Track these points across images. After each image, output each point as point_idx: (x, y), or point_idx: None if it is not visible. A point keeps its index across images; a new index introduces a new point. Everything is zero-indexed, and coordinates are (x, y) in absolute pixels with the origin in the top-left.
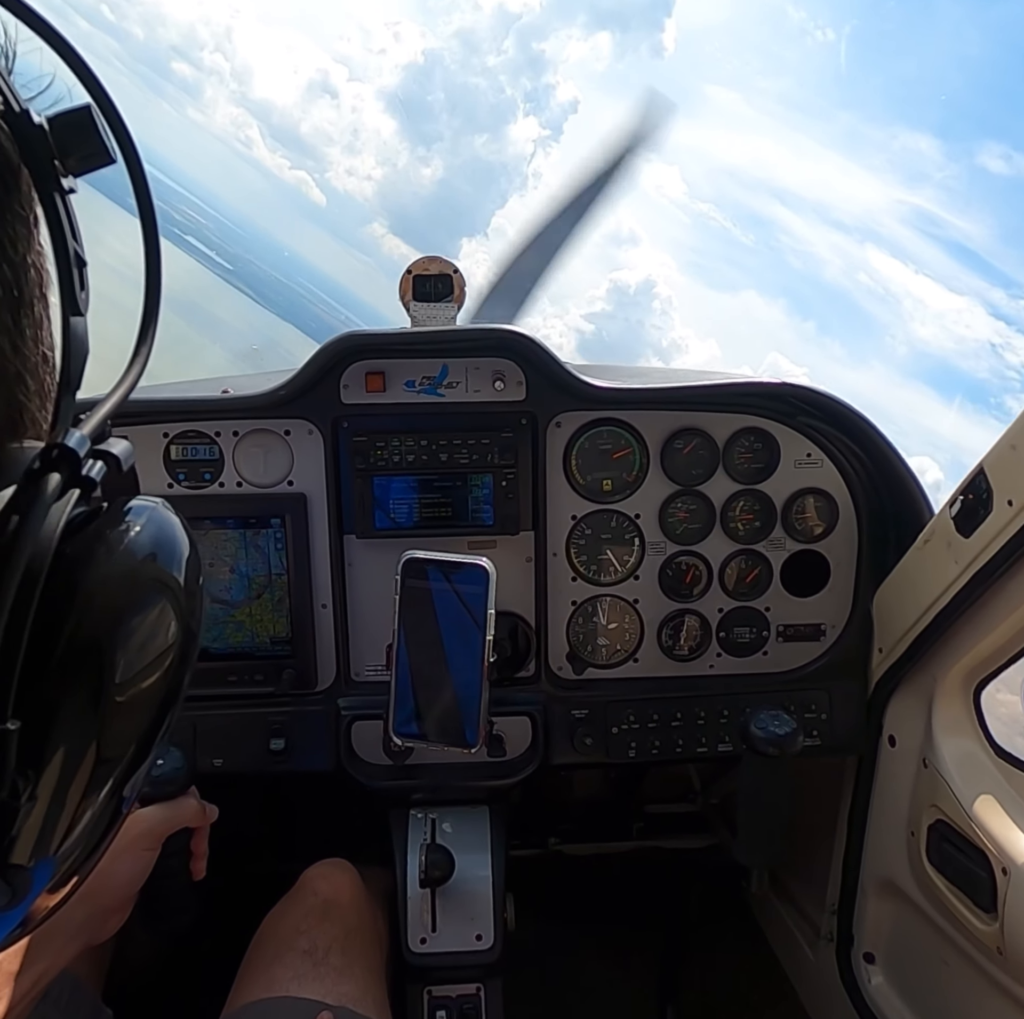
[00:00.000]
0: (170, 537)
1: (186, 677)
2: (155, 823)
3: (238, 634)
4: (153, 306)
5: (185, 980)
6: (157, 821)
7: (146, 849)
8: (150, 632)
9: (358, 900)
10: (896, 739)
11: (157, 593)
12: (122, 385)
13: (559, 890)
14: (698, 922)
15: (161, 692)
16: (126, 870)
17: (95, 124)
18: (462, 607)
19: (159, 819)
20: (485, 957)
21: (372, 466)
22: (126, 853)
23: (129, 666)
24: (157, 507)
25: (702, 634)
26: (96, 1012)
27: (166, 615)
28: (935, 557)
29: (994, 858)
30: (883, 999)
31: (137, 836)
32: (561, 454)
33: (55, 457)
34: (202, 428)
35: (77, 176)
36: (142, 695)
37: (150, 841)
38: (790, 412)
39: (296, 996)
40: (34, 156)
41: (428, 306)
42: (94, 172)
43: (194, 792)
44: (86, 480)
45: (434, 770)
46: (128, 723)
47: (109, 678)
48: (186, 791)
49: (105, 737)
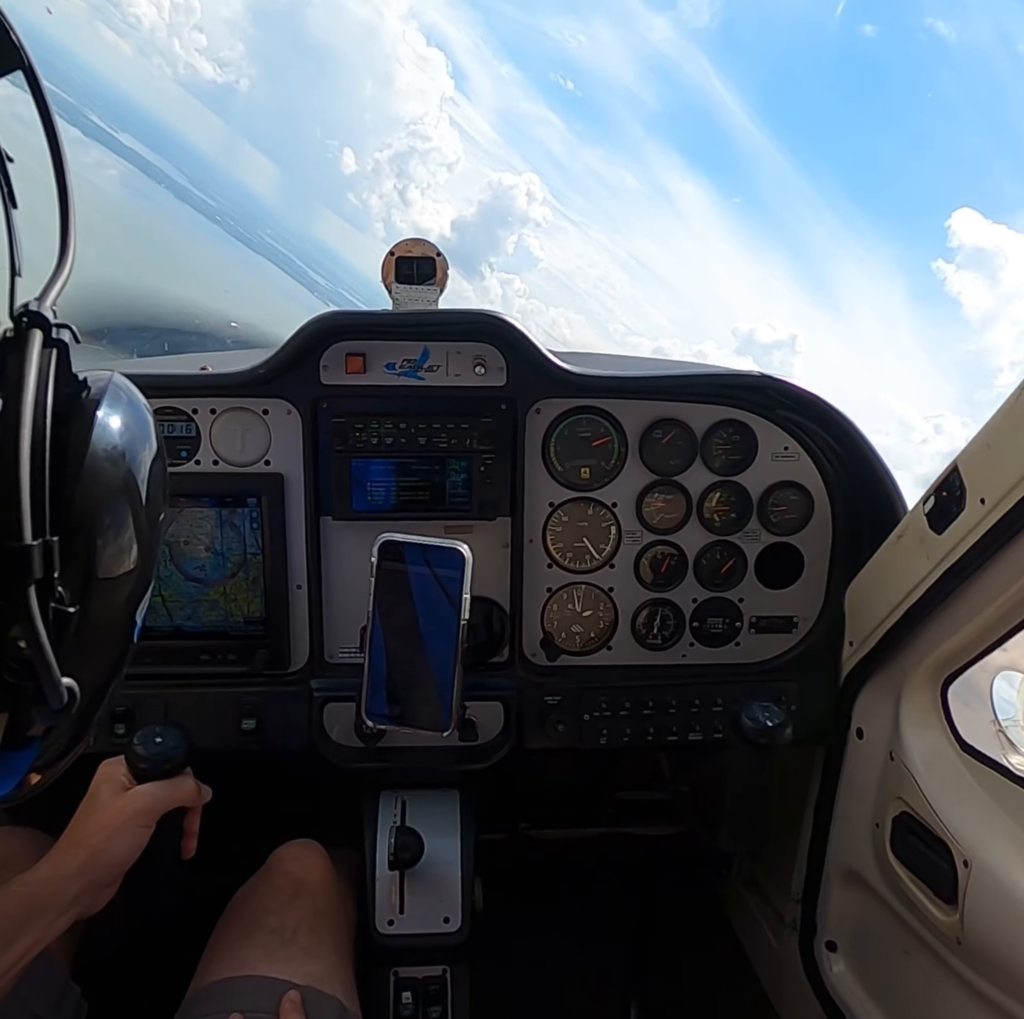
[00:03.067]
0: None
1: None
2: (153, 801)
3: (212, 613)
4: (63, 183)
5: (153, 957)
6: (155, 799)
7: (142, 826)
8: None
9: (327, 881)
10: (864, 732)
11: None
12: (63, 266)
13: (528, 874)
14: (666, 908)
15: (161, 519)
16: (122, 846)
17: (5, 30)
18: (438, 591)
19: (157, 797)
20: (452, 939)
21: (350, 448)
22: (123, 829)
23: (146, 494)
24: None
25: (676, 624)
26: (65, 988)
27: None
28: (908, 553)
29: (956, 851)
30: (844, 987)
31: (134, 813)
32: (540, 441)
33: (27, 325)
34: (179, 405)
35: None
36: (152, 523)
37: (146, 818)
38: (769, 405)
39: (264, 975)
40: None
41: (410, 288)
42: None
43: (190, 772)
44: (59, 342)
45: (406, 753)
46: (141, 548)
47: (136, 503)
48: (183, 770)
49: (121, 556)
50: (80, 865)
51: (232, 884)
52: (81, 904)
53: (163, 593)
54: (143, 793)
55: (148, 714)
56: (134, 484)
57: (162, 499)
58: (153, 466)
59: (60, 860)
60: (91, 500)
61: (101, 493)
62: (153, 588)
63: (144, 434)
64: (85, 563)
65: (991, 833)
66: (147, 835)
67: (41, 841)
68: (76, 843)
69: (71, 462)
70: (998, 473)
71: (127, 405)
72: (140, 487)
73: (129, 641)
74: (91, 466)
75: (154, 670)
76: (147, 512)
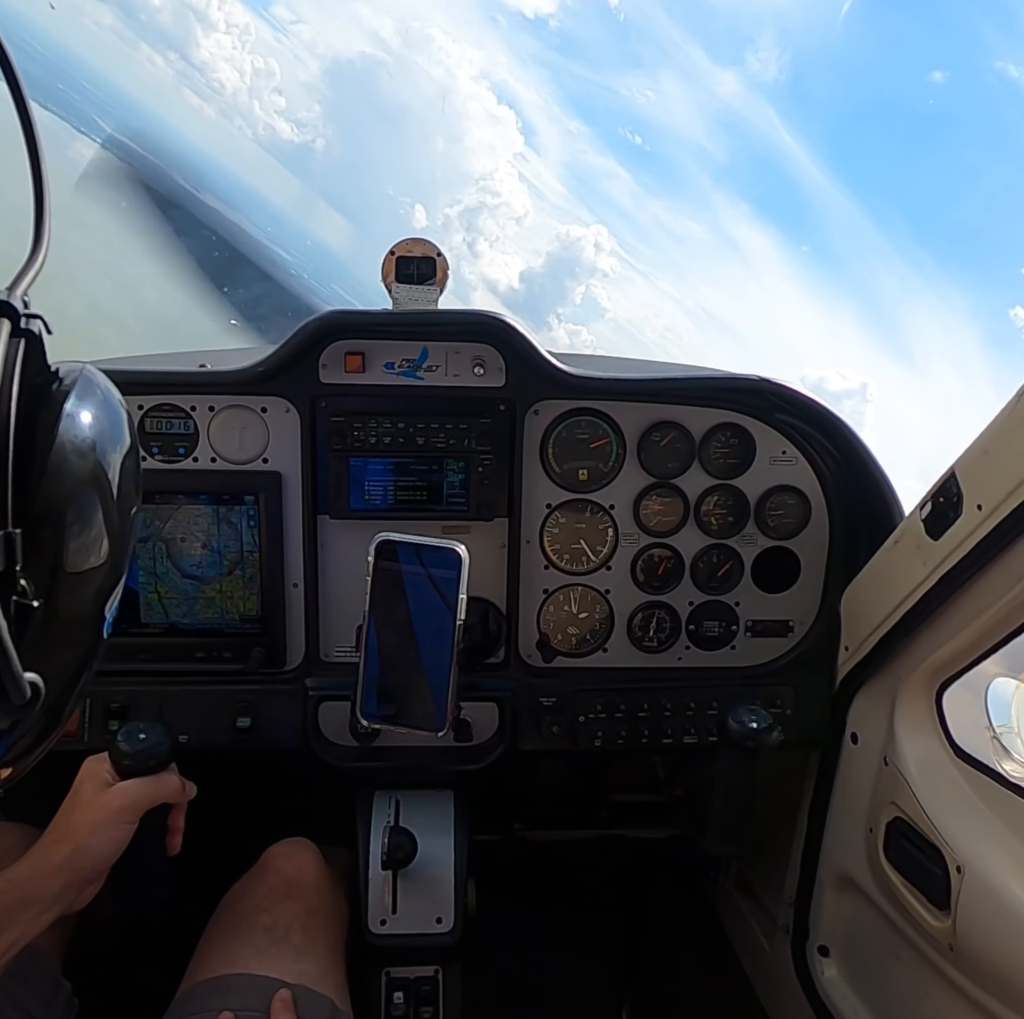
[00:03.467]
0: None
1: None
2: (136, 797)
3: (208, 610)
4: (38, 172)
5: (144, 954)
6: (139, 795)
7: (125, 822)
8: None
9: (320, 880)
10: (859, 736)
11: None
12: (36, 256)
13: (522, 876)
14: (659, 911)
15: (133, 513)
16: (105, 842)
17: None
18: (434, 591)
19: (141, 793)
20: (444, 940)
21: (349, 447)
22: (106, 825)
23: (117, 488)
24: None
25: (672, 626)
26: (56, 985)
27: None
28: (904, 558)
29: (949, 856)
30: (836, 991)
31: (118, 809)
32: (538, 442)
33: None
34: (178, 402)
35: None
36: (123, 517)
37: (130, 814)
38: (767, 409)
39: (255, 973)
40: None
41: (410, 288)
42: None
43: (175, 768)
44: (27, 332)
45: (400, 753)
46: (111, 543)
47: (106, 497)
48: (167, 766)
49: (89, 549)
50: (63, 861)
51: (225, 882)
52: (64, 900)
53: (159, 590)
54: (126, 789)
55: (143, 711)
56: (103, 477)
57: (134, 493)
58: (125, 460)
59: (43, 856)
60: (57, 492)
61: (68, 485)
62: (149, 585)
63: (115, 427)
64: (51, 556)
65: (984, 839)
66: (130, 831)
67: (32, 837)
68: (59, 839)
69: (37, 453)
70: (995, 479)
71: (97, 398)
72: (110, 480)
73: (98, 636)
74: (57, 457)
75: (149, 667)
76: (118, 506)
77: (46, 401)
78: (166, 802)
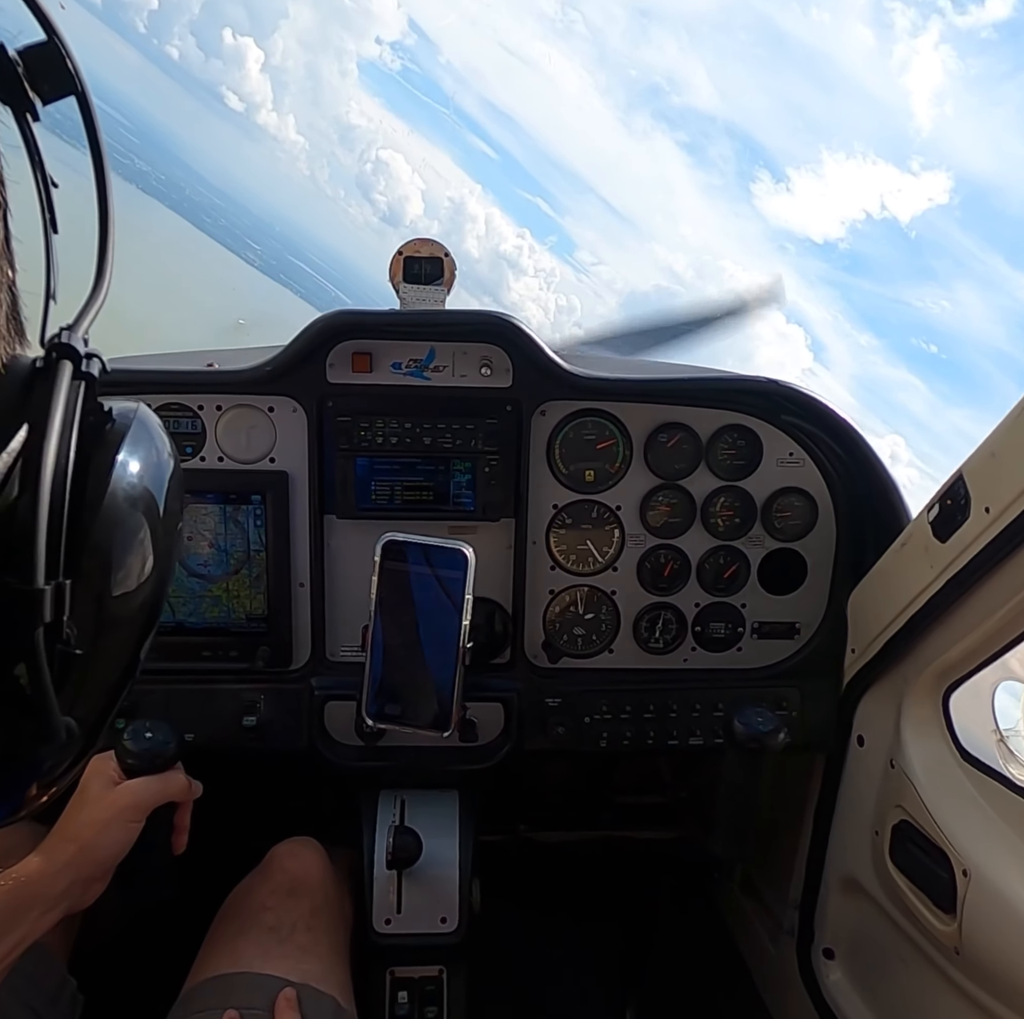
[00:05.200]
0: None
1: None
2: (142, 796)
3: (214, 609)
4: (104, 210)
5: (149, 952)
6: (145, 794)
7: (132, 821)
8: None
9: (325, 879)
10: (865, 739)
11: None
12: (98, 293)
13: (527, 876)
14: (664, 913)
15: (168, 561)
16: (111, 841)
17: (62, 55)
18: (440, 591)
19: (147, 792)
20: (449, 940)
21: (355, 447)
22: (112, 824)
23: (163, 534)
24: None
25: (678, 628)
26: (62, 982)
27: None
28: (911, 561)
29: (955, 860)
30: (841, 995)
31: (124, 808)
32: (545, 443)
33: (57, 356)
34: (185, 401)
35: (46, 104)
36: (166, 567)
37: (136, 813)
38: (775, 410)
39: (260, 972)
40: (9, 87)
41: (418, 288)
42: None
43: (180, 767)
44: (88, 375)
45: (405, 753)
46: (153, 590)
47: (155, 546)
48: (174, 765)
49: (134, 597)
50: (68, 860)
51: (229, 881)
52: (70, 899)
53: None
54: (132, 788)
55: (149, 709)
56: (153, 525)
57: (175, 535)
58: (169, 502)
59: (49, 855)
60: (107, 542)
61: (118, 535)
62: None
63: (164, 472)
64: (96, 605)
65: (991, 843)
66: (137, 830)
67: (39, 834)
68: (65, 838)
69: (88, 501)
70: (1003, 482)
71: (149, 442)
72: (158, 528)
73: (131, 678)
74: (109, 507)
75: (156, 665)
76: (164, 543)
77: (99, 445)
78: (172, 801)
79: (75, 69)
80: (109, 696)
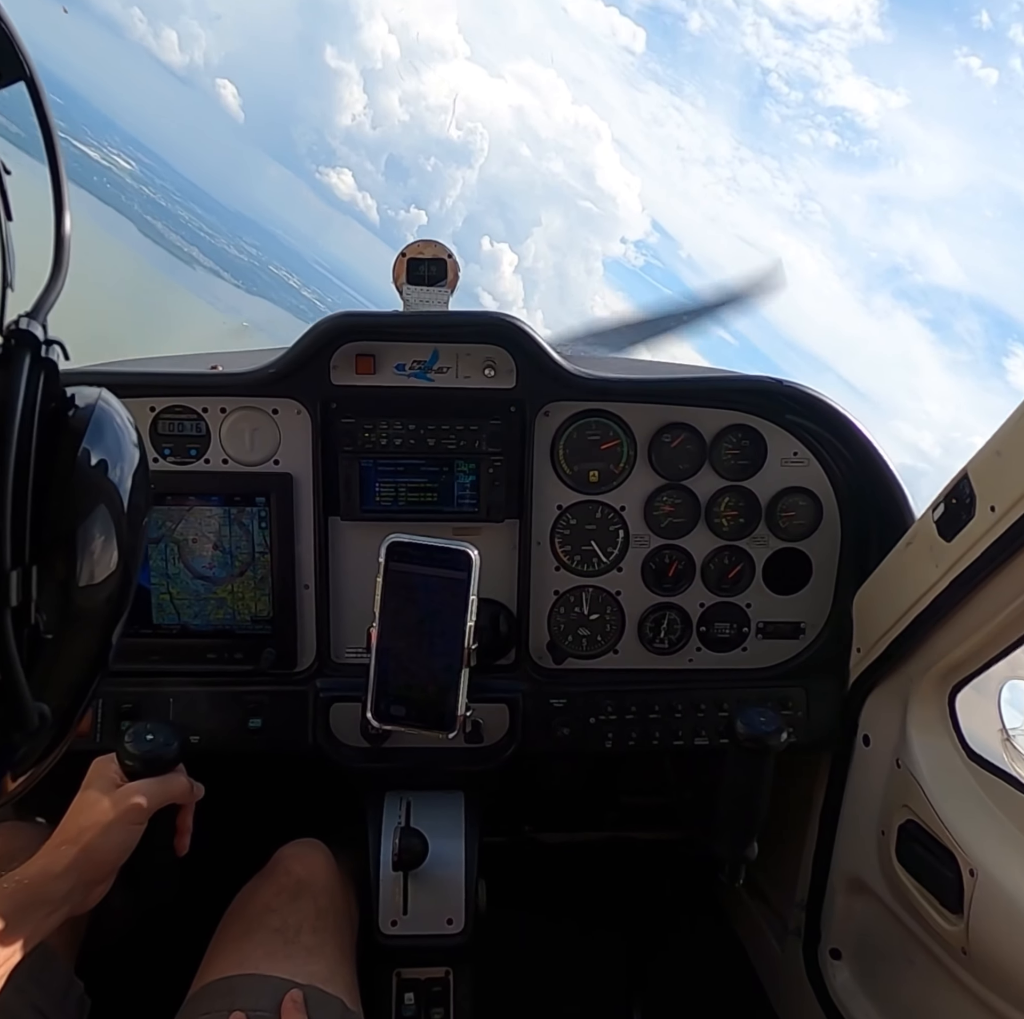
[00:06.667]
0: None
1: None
2: (144, 798)
3: (219, 611)
4: (59, 197)
5: (155, 954)
6: (147, 796)
7: (134, 823)
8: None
9: (331, 881)
10: (870, 738)
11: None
12: (56, 280)
13: (532, 877)
14: (669, 913)
15: (135, 557)
16: (113, 843)
17: (9, 41)
18: (445, 592)
19: (149, 794)
20: (455, 941)
21: (359, 448)
22: (114, 826)
23: (128, 521)
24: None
25: (682, 628)
26: (68, 984)
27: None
28: (916, 560)
29: (962, 860)
30: (848, 995)
31: (126, 810)
32: (549, 443)
33: (16, 343)
34: (189, 403)
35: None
36: (134, 549)
37: (138, 815)
38: (779, 410)
39: (266, 974)
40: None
41: (421, 290)
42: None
43: (182, 769)
44: (48, 362)
45: (411, 754)
46: (122, 573)
47: (121, 530)
48: (175, 767)
49: (102, 583)
50: (71, 862)
51: (235, 883)
52: (72, 901)
53: (171, 591)
54: (134, 790)
55: (154, 711)
56: (118, 511)
57: (142, 522)
58: (133, 495)
59: (51, 857)
60: (73, 526)
61: (84, 520)
62: (161, 585)
63: (129, 458)
64: (64, 590)
65: (997, 842)
66: (139, 832)
67: (44, 836)
68: (67, 840)
69: (54, 487)
70: (1008, 481)
71: (113, 429)
72: (123, 513)
73: (104, 662)
74: (75, 493)
75: (160, 668)
76: (129, 538)
77: (63, 432)
78: (174, 803)
79: (22, 53)
80: (80, 684)
